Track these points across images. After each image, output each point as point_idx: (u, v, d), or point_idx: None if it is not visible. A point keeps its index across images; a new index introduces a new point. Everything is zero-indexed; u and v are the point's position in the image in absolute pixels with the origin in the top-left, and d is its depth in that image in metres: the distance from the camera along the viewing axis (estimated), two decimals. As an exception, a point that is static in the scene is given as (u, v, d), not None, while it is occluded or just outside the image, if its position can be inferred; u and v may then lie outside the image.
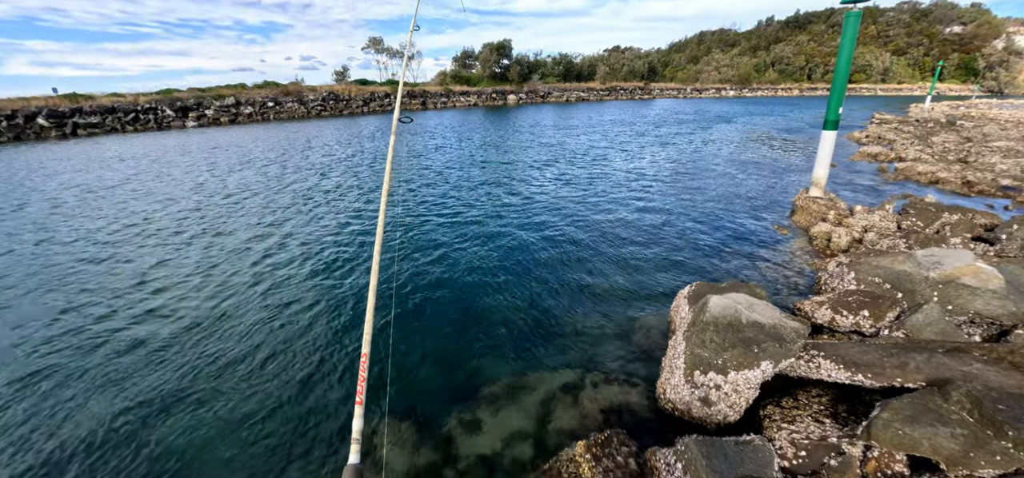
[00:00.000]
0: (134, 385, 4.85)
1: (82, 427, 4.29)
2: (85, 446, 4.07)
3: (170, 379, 4.92)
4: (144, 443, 4.09)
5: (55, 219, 11.06)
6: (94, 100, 32.62)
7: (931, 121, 25.58)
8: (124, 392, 4.75)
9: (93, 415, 4.44)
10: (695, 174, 14.58)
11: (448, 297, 6.62)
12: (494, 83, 59.07)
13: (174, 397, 4.65)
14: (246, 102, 37.97)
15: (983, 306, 4.49)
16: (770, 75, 79.62)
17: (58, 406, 4.58)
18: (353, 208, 11.38)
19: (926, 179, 12.42)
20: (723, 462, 3.07)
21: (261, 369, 5.06)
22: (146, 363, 5.22)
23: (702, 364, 3.91)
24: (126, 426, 4.30)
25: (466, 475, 3.68)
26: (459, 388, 4.71)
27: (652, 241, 8.60)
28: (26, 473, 3.81)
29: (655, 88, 69.79)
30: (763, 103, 54.34)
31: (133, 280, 7.42)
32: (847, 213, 8.72)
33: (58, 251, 8.86)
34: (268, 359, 5.23)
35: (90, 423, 4.34)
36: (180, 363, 5.20)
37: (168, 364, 5.19)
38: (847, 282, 5.57)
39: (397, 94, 2.84)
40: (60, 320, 6.23)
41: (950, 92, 69.71)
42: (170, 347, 5.52)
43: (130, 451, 4.00)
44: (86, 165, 18.73)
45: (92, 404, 4.59)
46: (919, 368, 3.50)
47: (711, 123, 30.30)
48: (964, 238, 7.00)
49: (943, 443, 2.82)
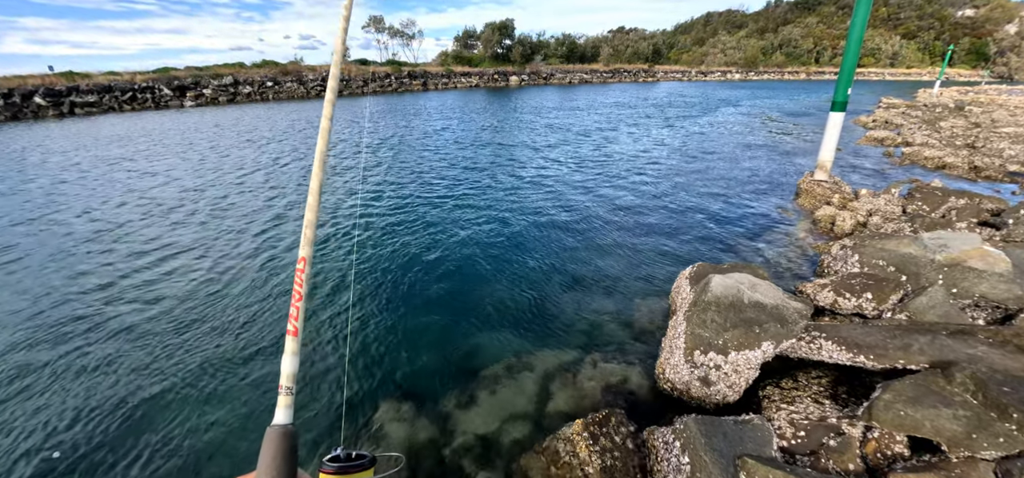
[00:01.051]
0: (133, 358, 4.85)
1: (86, 394, 4.30)
2: (83, 414, 4.08)
3: (163, 352, 4.92)
4: (145, 421, 4.10)
5: (60, 196, 11.00)
6: (91, 79, 32.21)
7: (939, 106, 25.17)
8: (125, 363, 4.75)
9: (98, 381, 4.45)
10: (699, 157, 14.40)
11: (446, 276, 6.58)
12: (496, 64, 58.18)
13: (168, 370, 4.65)
14: (244, 82, 37.49)
15: (989, 289, 4.43)
16: (777, 58, 78.25)
17: (58, 373, 4.58)
18: (360, 188, 11.29)
19: (933, 164, 12.25)
20: (722, 441, 3.05)
21: (259, 337, 5.05)
22: (141, 337, 5.22)
23: (702, 344, 3.87)
24: (132, 402, 4.30)
25: (464, 453, 3.68)
26: (457, 366, 4.70)
27: (654, 223, 8.52)
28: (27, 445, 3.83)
29: (659, 71, 68.70)
30: (769, 87, 53.54)
31: (137, 257, 7.39)
32: (852, 197, 8.60)
33: (61, 230, 8.82)
34: (268, 329, 5.22)
35: (92, 391, 4.35)
36: (177, 338, 5.19)
37: (164, 338, 5.18)
38: (851, 265, 5.50)
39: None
40: (64, 294, 6.22)
41: (959, 77, 68.51)
42: (167, 320, 5.51)
43: (133, 423, 4.02)
44: (90, 143, 18.58)
45: (95, 367, 4.60)
46: (922, 350, 3.46)
47: (715, 106, 29.88)
48: (970, 222, 6.91)
49: (945, 424, 2.79)
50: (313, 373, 4.60)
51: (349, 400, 4.29)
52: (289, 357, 0.81)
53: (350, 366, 4.73)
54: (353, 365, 4.75)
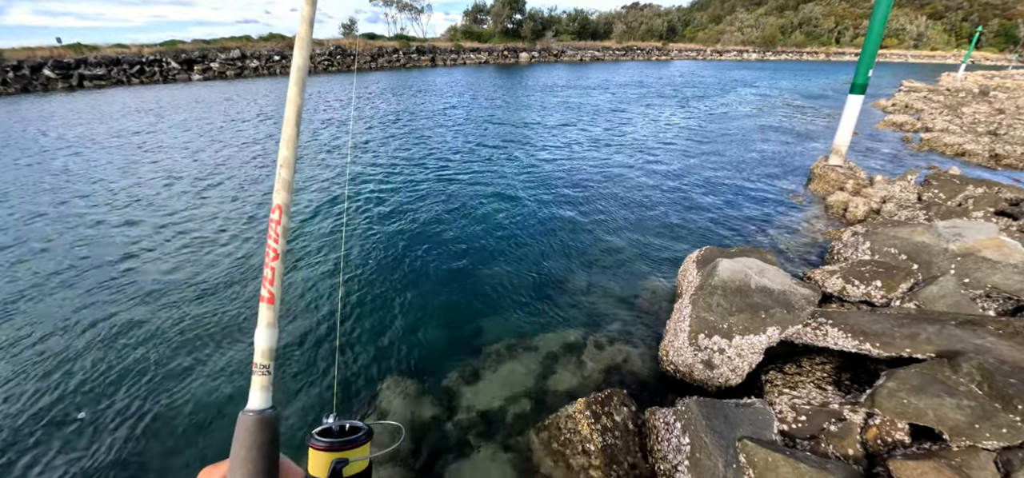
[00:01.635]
0: (150, 326, 4.99)
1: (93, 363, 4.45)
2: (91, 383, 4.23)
3: (181, 321, 5.05)
4: (157, 386, 4.23)
5: (83, 171, 11.15)
6: (99, 51, 32.19)
7: (963, 91, 24.31)
8: (142, 329, 4.89)
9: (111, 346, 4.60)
10: (710, 139, 14.14)
11: (452, 252, 6.61)
12: (506, 40, 57.04)
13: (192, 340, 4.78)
14: (252, 55, 37.23)
15: (1002, 280, 4.36)
16: (796, 37, 75.70)
17: (70, 342, 4.74)
18: (371, 162, 11.29)
19: (952, 151, 11.91)
20: (723, 423, 3.08)
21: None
22: (165, 305, 5.35)
23: (707, 327, 3.88)
24: (147, 365, 4.44)
25: (467, 429, 3.77)
26: (462, 344, 4.77)
27: (663, 205, 8.44)
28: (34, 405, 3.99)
29: (673, 49, 66.91)
30: (787, 67, 52.00)
31: (158, 229, 7.52)
32: (866, 183, 8.42)
33: (82, 203, 8.97)
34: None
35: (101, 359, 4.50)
36: (188, 309, 5.32)
37: (176, 305, 5.31)
38: (861, 252, 5.43)
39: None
40: (87, 269, 6.37)
41: (986, 61, 65.84)
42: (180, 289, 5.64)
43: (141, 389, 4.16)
44: (113, 114, 18.70)
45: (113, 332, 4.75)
46: (930, 339, 3.43)
47: (731, 87, 29.14)
48: (987, 212, 6.75)
49: (948, 413, 2.79)
50: (310, 341, 4.70)
51: (349, 373, 4.39)
52: (264, 329, 0.67)
53: (353, 338, 4.81)
54: (358, 338, 4.83)
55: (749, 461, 2.79)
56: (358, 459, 0.75)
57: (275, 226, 0.68)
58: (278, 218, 0.68)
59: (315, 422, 3.86)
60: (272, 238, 0.68)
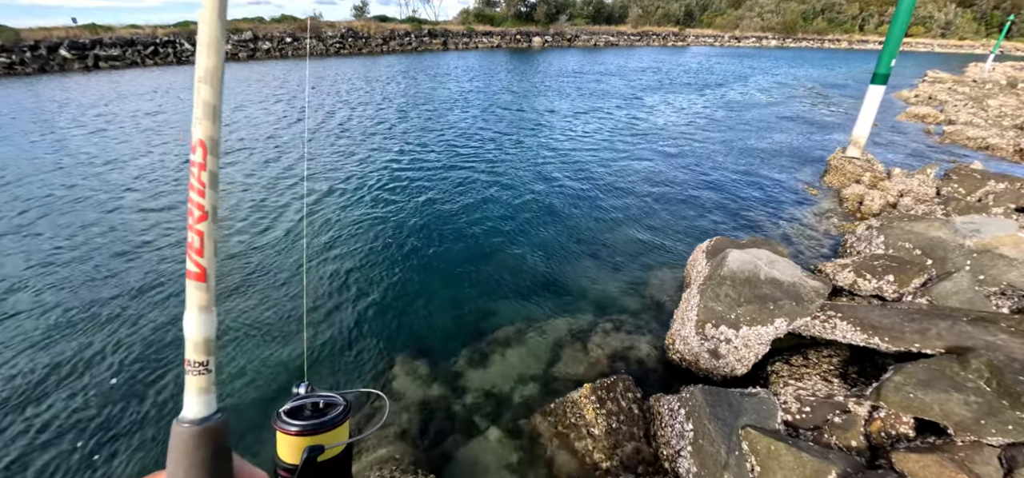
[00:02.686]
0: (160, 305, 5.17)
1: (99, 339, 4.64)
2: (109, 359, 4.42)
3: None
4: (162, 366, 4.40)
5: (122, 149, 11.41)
6: (113, 32, 32.48)
7: (990, 82, 23.45)
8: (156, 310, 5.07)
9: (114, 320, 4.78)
10: (726, 127, 13.91)
11: (460, 237, 6.68)
12: (519, 24, 56.18)
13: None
14: (264, 37, 37.26)
15: (1018, 278, 4.29)
16: (818, 24, 73.25)
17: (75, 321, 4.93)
18: (387, 148, 11.37)
19: (975, 145, 11.57)
20: (727, 411, 3.13)
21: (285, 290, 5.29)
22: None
23: (715, 318, 3.90)
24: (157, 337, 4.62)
25: (475, 410, 3.87)
26: (470, 328, 4.85)
27: (674, 194, 8.39)
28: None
29: (690, 34, 65.33)
30: (807, 55, 50.58)
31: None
32: (884, 176, 8.26)
33: (111, 178, 9.21)
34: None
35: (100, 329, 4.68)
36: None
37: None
38: (875, 246, 5.37)
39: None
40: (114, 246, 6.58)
41: (1016, 52, 63.14)
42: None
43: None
44: (133, 93, 18.99)
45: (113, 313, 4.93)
46: (940, 335, 3.42)
47: (748, 75, 28.47)
48: (1007, 208, 6.59)
49: (955, 409, 2.80)
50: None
51: (363, 352, 4.50)
52: (197, 315, 0.50)
53: (365, 316, 4.93)
54: (369, 317, 4.94)
55: (752, 449, 2.84)
56: (335, 445, 0.63)
57: (198, 172, 0.47)
58: (202, 160, 0.47)
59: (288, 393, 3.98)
60: (195, 190, 0.48)
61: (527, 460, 3.43)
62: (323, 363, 4.38)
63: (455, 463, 3.47)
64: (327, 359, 4.42)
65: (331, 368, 4.33)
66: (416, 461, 3.42)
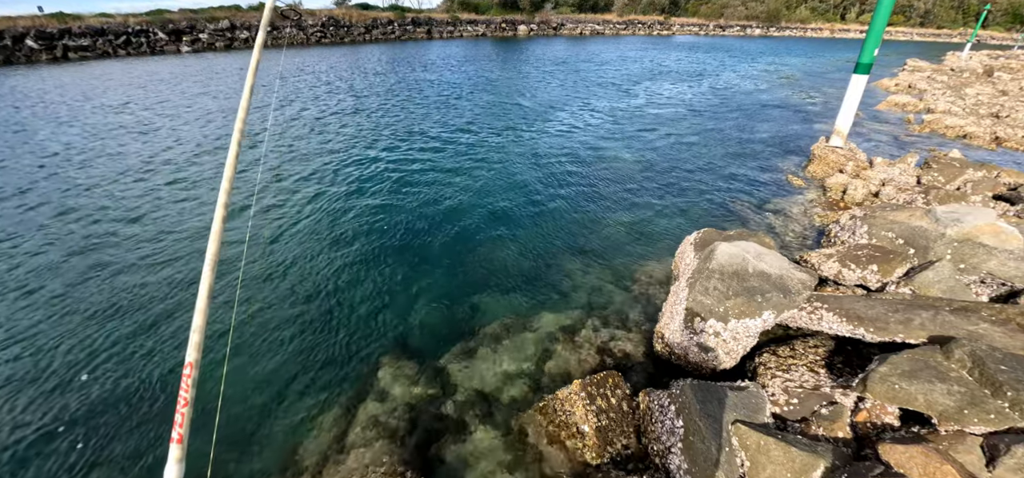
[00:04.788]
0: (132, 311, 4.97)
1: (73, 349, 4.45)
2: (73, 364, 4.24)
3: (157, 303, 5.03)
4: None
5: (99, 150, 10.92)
6: (82, 21, 31.07)
7: (967, 71, 24.00)
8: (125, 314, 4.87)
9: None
10: (711, 117, 13.97)
11: (444, 233, 6.57)
12: (504, 12, 55.47)
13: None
14: (242, 26, 36.12)
15: (998, 266, 4.38)
16: (801, 13, 73.96)
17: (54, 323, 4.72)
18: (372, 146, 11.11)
19: (954, 133, 11.83)
20: (716, 406, 3.12)
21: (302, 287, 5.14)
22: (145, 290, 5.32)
23: (703, 311, 3.89)
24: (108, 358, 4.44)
25: (464, 409, 3.81)
26: (459, 325, 4.78)
27: (661, 186, 8.39)
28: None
29: (675, 23, 65.43)
30: (790, 44, 51.08)
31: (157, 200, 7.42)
32: (866, 165, 8.38)
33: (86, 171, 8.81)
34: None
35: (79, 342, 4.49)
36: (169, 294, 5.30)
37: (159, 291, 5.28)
38: (859, 235, 5.43)
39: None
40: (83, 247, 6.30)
41: (992, 40, 64.77)
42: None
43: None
44: (106, 89, 18.20)
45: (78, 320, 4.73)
46: (923, 325, 3.46)
47: (733, 64, 28.62)
48: (985, 196, 6.74)
49: (938, 399, 2.83)
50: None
51: (349, 351, 4.40)
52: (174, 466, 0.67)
53: (345, 314, 4.82)
54: (351, 315, 4.83)
55: (742, 444, 2.83)
56: None
57: (186, 380, 0.68)
58: (190, 373, 0.68)
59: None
60: (183, 389, 0.67)
61: (517, 459, 3.39)
62: (305, 362, 4.26)
63: (444, 463, 3.41)
64: (310, 358, 4.31)
65: (311, 365, 4.22)
66: (405, 462, 3.36)
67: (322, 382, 4.09)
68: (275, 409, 3.84)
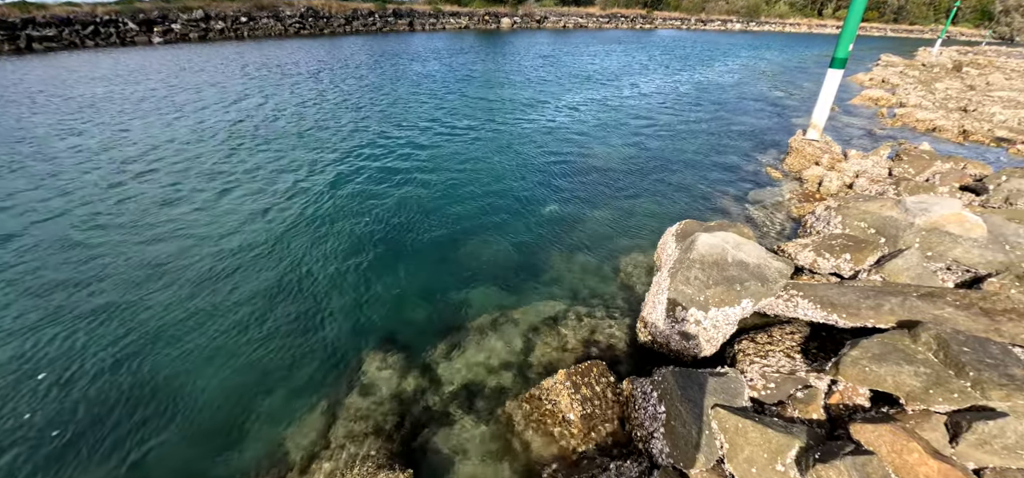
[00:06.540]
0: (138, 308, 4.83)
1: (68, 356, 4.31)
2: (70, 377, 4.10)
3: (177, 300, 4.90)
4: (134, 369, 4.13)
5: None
6: (47, 9, 29.66)
7: (937, 66, 24.87)
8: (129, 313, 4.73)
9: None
10: (691, 110, 14.17)
11: (429, 226, 6.54)
12: (487, 5, 55.02)
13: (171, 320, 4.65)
14: (217, 16, 34.96)
15: (962, 254, 4.57)
16: (780, 8, 75.42)
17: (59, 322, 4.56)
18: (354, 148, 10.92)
19: (924, 127, 12.26)
20: (697, 391, 3.20)
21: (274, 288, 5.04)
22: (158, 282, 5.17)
23: (685, 300, 3.97)
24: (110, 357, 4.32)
25: (450, 401, 3.82)
26: (443, 318, 4.78)
27: (642, 179, 8.49)
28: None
29: (657, 17, 65.98)
30: (769, 38, 52.04)
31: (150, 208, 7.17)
32: (841, 157, 8.63)
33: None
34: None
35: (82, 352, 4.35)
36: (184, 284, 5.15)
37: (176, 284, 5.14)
38: (833, 226, 5.61)
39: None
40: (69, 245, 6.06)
41: (961, 36, 67.15)
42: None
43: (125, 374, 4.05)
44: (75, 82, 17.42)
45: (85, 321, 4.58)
46: (892, 310, 3.60)
47: (713, 58, 29.05)
48: (952, 187, 7.02)
49: (906, 380, 2.96)
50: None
51: (335, 345, 4.36)
52: None
53: (331, 310, 4.77)
54: (338, 311, 4.78)
55: (721, 427, 2.92)
56: None
57: None
58: None
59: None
60: None
61: (504, 449, 3.43)
62: (290, 358, 4.21)
63: (432, 456, 3.42)
64: (295, 354, 4.25)
65: (297, 360, 4.17)
66: (393, 454, 3.36)
67: (307, 377, 4.04)
68: (260, 405, 3.79)
